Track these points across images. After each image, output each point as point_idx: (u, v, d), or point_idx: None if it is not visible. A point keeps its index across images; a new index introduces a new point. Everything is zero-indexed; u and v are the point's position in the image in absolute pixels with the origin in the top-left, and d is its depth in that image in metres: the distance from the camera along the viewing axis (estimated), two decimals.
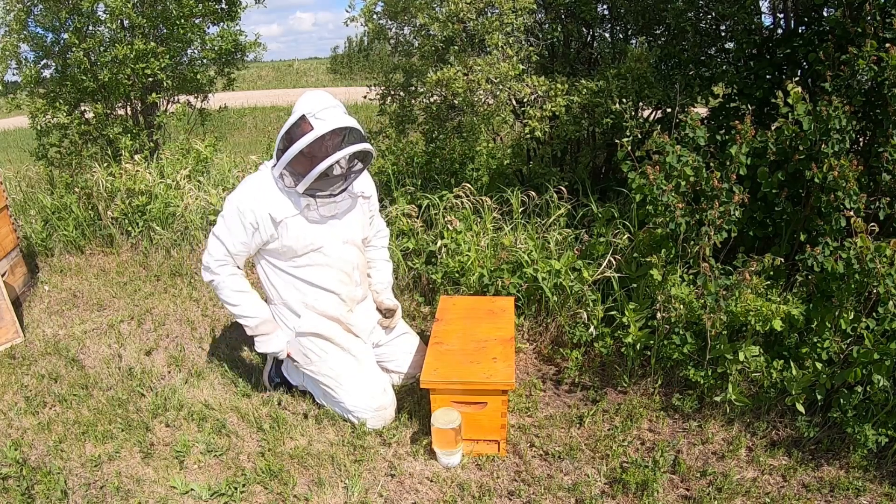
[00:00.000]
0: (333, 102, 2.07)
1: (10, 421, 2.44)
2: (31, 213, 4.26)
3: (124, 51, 4.41)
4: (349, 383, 2.27)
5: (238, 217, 2.11)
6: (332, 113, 2.03)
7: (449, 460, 2.10)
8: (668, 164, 2.35)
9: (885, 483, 2.00)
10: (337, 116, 2.03)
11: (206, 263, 2.21)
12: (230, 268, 2.21)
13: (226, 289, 2.22)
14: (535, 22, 3.56)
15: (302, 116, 2.00)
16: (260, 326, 2.25)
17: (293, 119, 2.03)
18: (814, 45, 2.57)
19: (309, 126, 1.99)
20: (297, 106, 2.08)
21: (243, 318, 2.25)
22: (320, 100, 2.06)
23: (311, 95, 2.09)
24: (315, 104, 2.03)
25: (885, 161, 2.20)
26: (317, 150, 1.99)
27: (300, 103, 2.07)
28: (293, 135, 2.02)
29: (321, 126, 1.98)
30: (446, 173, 3.85)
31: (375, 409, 2.24)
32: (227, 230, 2.15)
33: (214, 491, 2.02)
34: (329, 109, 2.03)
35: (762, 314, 2.15)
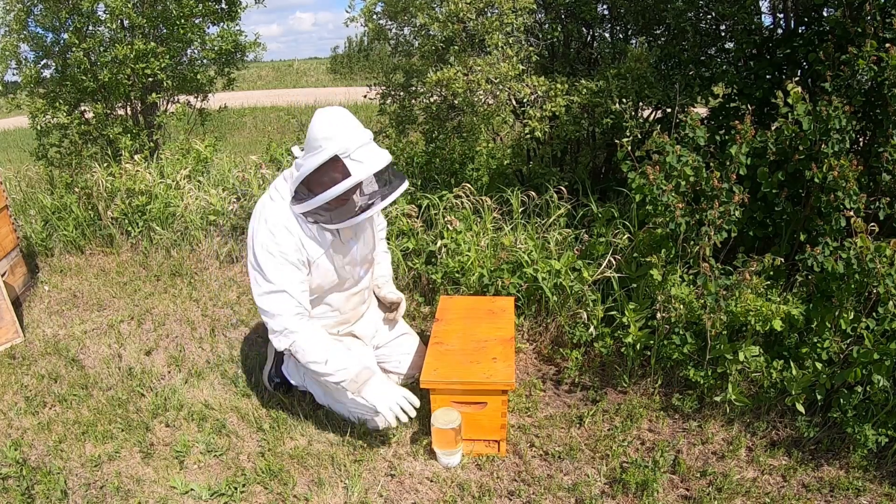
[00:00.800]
0: (365, 136, 1.87)
1: (10, 421, 2.44)
2: (31, 213, 4.26)
3: (124, 51, 4.41)
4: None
5: (284, 260, 1.94)
6: (368, 153, 1.84)
7: (449, 460, 2.10)
8: (668, 164, 2.35)
9: (885, 483, 2.00)
10: (374, 156, 1.85)
11: (278, 328, 1.97)
12: (306, 318, 2.01)
13: (310, 346, 1.98)
14: (535, 22, 3.56)
15: (335, 157, 1.81)
16: (361, 374, 2.01)
17: (322, 157, 1.82)
18: (814, 45, 2.57)
19: (345, 170, 1.81)
20: (321, 135, 1.83)
21: (339, 371, 1.99)
22: (353, 135, 1.83)
23: (337, 125, 1.84)
24: (348, 141, 1.81)
25: (885, 161, 2.21)
26: (352, 192, 1.87)
27: (327, 136, 1.83)
28: (324, 177, 1.84)
29: (359, 171, 1.81)
30: (446, 173, 3.85)
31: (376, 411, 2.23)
32: (282, 277, 1.94)
33: (214, 491, 2.02)
34: (364, 148, 1.84)
35: (762, 314, 2.15)
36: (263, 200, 2.05)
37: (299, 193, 1.93)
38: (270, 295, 1.95)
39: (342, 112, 1.89)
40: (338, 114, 1.88)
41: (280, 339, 2.00)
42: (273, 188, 2.04)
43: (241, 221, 3.88)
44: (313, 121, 1.87)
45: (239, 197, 4.03)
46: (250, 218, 2.07)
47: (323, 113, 1.89)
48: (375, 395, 2.01)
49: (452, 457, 2.09)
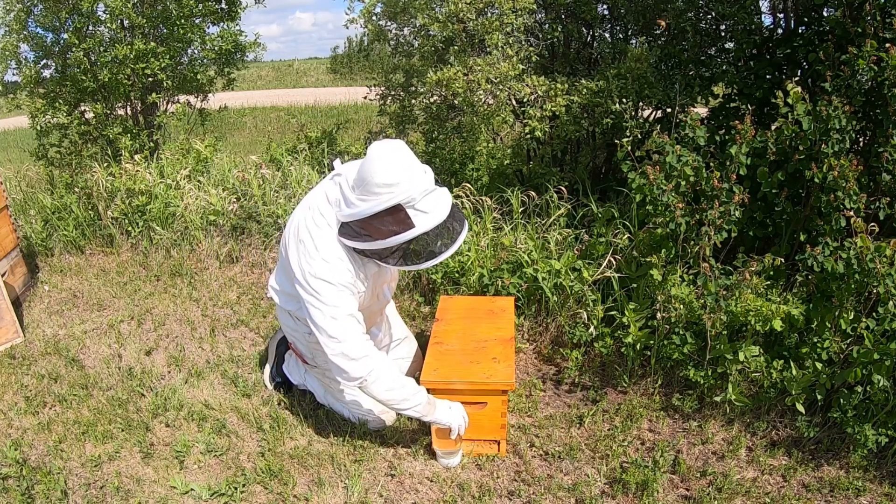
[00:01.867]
0: (429, 181, 1.74)
1: (10, 421, 2.44)
2: (31, 213, 4.26)
3: (124, 51, 4.41)
4: None
5: (343, 287, 1.84)
6: (433, 202, 1.73)
7: (449, 461, 2.10)
8: (668, 164, 2.35)
9: (885, 483, 2.00)
10: (439, 206, 1.73)
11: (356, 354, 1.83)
12: (374, 349, 1.89)
13: (384, 377, 1.87)
14: (535, 22, 3.57)
15: (398, 206, 1.70)
16: (431, 399, 1.97)
17: (382, 204, 1.69)
18: (814, 45, 2.57)
19: (407, 220, 1.70)
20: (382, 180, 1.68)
21: (413, 397, 1.91)
22: (417, 182, 1.70)
23: (401, 170, 1.69)
24: (413, 190, 1.69)
25: (885, 161, 2.21)
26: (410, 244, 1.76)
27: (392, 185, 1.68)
28: (382, 224, 1.72)
29: (424, 223, 1.71)
30: (446, 173, 3.85)
31: (379, 411, 2.24)
32: (344, 302, 1.84)
33: (214, 491, 2.02)
34: (429, 197, 1.72)
35: (762, 314, 2.15)
36: (307, 224, 1.88)
37: (348, 228, 1.82)
38: (338, 320, 1.83)
39: (404, 152, 1.74)
40: (400, 155, 1.72)
41: (356, 367, 1.84)
42: (317, 212, 1.88)
43: (241, 221, 3.88)
44: (371, 158, 1.71)
45: (239, 197, 4.03)
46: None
47: (383, 151, 1.72)
48: (447, 415, 1.98)
49: (453, 457, 2.09)
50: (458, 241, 1.81)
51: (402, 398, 1.91)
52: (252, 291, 3.46)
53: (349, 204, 1.78)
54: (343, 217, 1.81)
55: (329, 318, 1.83)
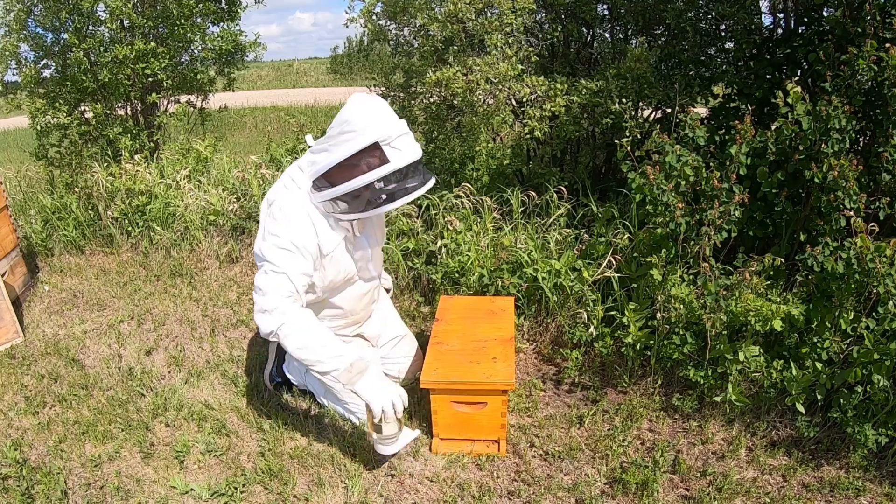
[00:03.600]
0: (404, 125, 1.85)
1: (10, 421, 2.44)
2: (31, 213, 4.26)
3: (124, 51, 4.41)
4: None
5: (293, 248, 1.87)
6: (407, 142, 1.83)
7: (383, 448, 1.97)
8: (667, 164, 2.35)
9: (885, 483, 2.00)
10: (412, 146, 1.84)
11: (268, 306, 1.82)
12: (299, 305, 1.88)
13: (298, 332, 1.83)
14: (535, 22, 3.57)
15: (375, 144, 1.78)
16: (356, 364, 1.85)
17: (360, 144, 1.78)
18: (814, 45, 2.57)
19: (383, 157, 1.78)
20: (361, 124, 1.79)
21: (333, 359, 1.83)
22: (393, 121, 1.82)
23: (378, 113, 1.82)
24: (389, 128, 1.79)
25: (885, 161, 2.20)
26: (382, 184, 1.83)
27: (367, 123, 1.79)
28: (360, 162, 1.79)
29: (398, 159, 1.79)
30: (446, 173, 3.85)
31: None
32: (285, 261, 1.86)
33: (214, 491, 2.02)
34: (404, 137, 1.82)
35: (762, 314, 2.15)
36: (276, 190, 1.98)
37: (319, 183, 1.88)
38: (268, 275, 1.86)
39: (380, 100, 1.87)
40: (376, 101, 1.86)
41: (267, 319, 1.82)
42: (287, 177, 1.98)
43: (241, 221, 3.88)
44: (348, 107, 1.83)
45: (239, 197, 4.03)
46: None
47: (359, 99, 1.85)
48: (370, 389, 1.84)
49: (386, 444, 1.96)
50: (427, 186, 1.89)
51: (316, 359, 1.82)
52: (252, 291, 3.46)
53: (326, 151, 1.86)
54: (318, 170, 1.88)
55: (262, 273, 1.88)
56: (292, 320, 1.82)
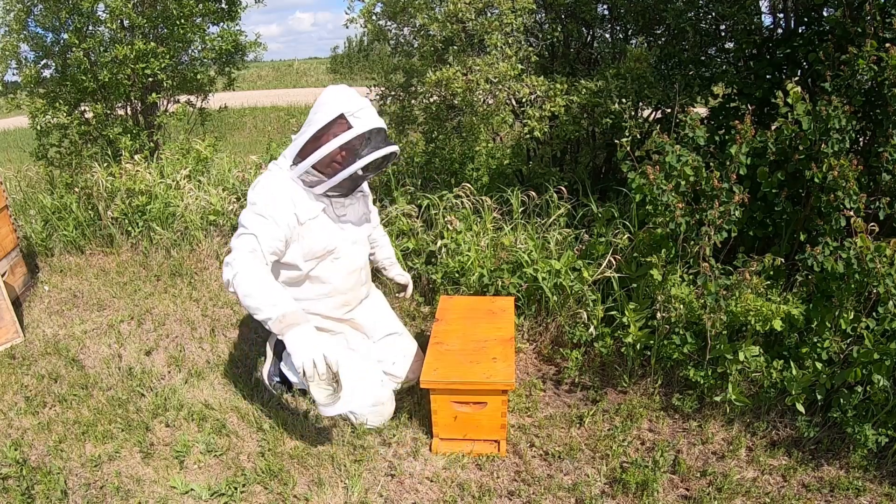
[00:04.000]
0: (367, 101, 2.07)
1: (10, 421, 2.44)
2: (31, 213, 4.26)
3: (124, 51, 4.41)
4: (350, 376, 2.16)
5: (268, 215, 1.99)
6: (369, 113, 2.03)
7: (323, 407, 1.99)
8: (667, 163, 2.35)
9: (885, 483, 2.00)
10: (373, 116, 2.03)
11: (230, 259, 1.93)
12: (255, 259, 1.93)
13: (247, 280, 1.87)
14: (535, 22, 3.56)
15: (340, 115, 1.99)
16: (291, 315, 1.86)
17: (328, 117, 2.00)
18: (814, 45, 2.57)
19: (347, 125, 1.98)
20: (329, 102, 2.03)
21: (268, 307, 1.85)
22: (356, 98, 2.03)
23: (343, 93, 2.05)
24: (352, 103, 2.01)
25: (885, 161, 2.20)
26: (348, 151, 2.00)
27: (334, 101, 2.03)
28: (327, 133, 2.00)
29: (360, 125, 1.98)
30: (446, 173, 3.85)
31: (372, 403, 2.22)
32: (256, 225, 1.98)
33: (214, 491, 2.02)
34: (366, 109, 2.03)
35: (762, 314, 2.15)
36: (262, 173, 2.17)
37: (297, 160, 2.07)
38: (240, 237, 2.00)
39: (346, 87, 2.11)
40: (342, 87, 2.10)
41: (226, 270, 1.93)
42: (272, 163, 2.18)
43: None
44: (323, 92, 2.08)
45: (239, 197, 4.03)
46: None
47: (330, 87, 2.11)
48: (295, 342, 1.82)
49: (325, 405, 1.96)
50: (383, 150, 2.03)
51: (256, 306, 1.86)
52: None
53: (301, 133, 2.07)
54: (295, 148, 2.08)
55: (235, 236, 2.03)
56: (245, 269, 1.90)
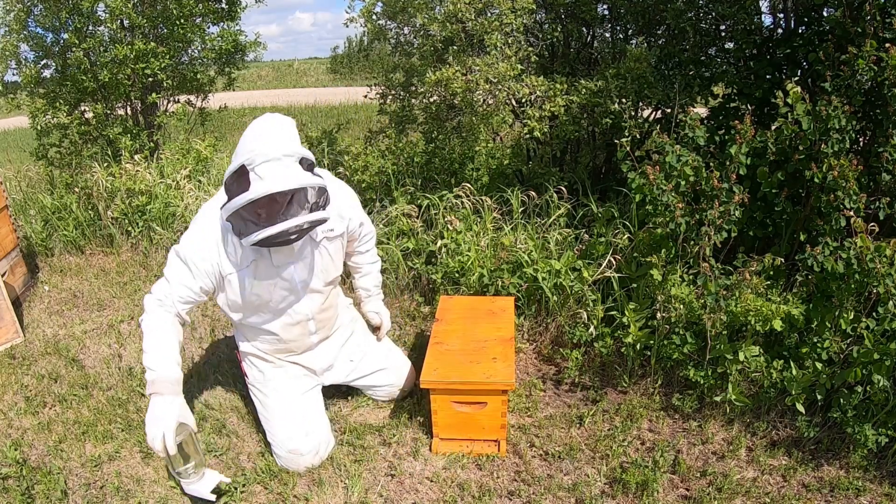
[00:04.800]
0: (278, 151, 1.65)
1: (10, 421, 2.44)
2: (31, 213, 4.26)
3: (124, 51, 4.41)
4: (275, 414, 2.12)
5: (190, 264, 1.86)
6: (272, 170, 1.64)
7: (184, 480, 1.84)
8: (667, 163, 2.35)
9: (885, 483, 2.00)
10: (277, 177, 1.63)
11: (144, 302, 1.90)
12: (168, 309, 1.87)
13: (146, 333, 1.85)
14: (535, 22, 3.56)
15: (241, 167, 1.67)
16: (156, 384, 1.78)
17: (233, 163, 1.70)
18: (814, 45, 2.57)
19: (248, 183, 1.65)
20: (242, 141, 1.73)
21: (147, 370, 1.80)
22: (264, 148, 1.65)
23: (259, 131, 1.72)
24: (255, 154, 1.65)
25: (885, 161, 2.21)
26: (263, 209, 1.68)
27: (245, 142, 1.71)
28: (233, 185, 1.69)
29: (258, 188, 1.62)
30: (446, 173, 3.85)
31: (289, 450, 2.06)
32: (175, 273, 1.88)
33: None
34: (271, 164, 1.64)
35: (762, 314, 2.15)
36: (205, 203, 2.00)
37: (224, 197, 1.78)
38: (161, 277, 1.92)
39: (272, 121, 1.77)
40: (265, 122, 1.77)
41: (141, 315, 1.91)
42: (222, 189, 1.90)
43: None
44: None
45: None
46: None
47: (257, 119, 1.79)
48: (151, 412, 1.78)
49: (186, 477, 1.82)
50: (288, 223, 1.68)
51: (145, 365, 1.82)
52: None
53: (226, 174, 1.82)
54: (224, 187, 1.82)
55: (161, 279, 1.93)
56: (146, 322, 1.87)
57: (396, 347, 2.53)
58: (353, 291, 2.54)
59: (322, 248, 2.00)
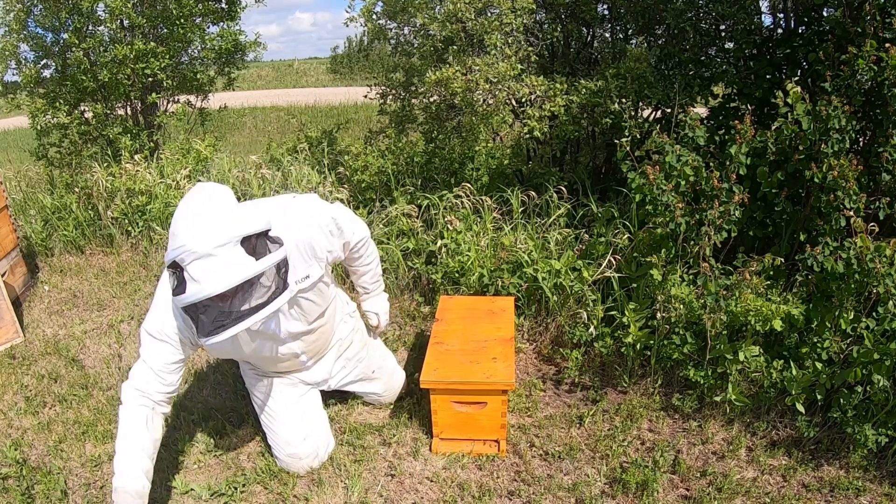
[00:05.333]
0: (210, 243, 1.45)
1: (10, 421, 2.44)
2: (31, 213, 4.26)
3: (124, 51, 4.41)
4: (273, 419, 2.10)
5: (163, 337, 1.73)
6: (206, 269, 1.45)
7: None
8: (667, 163, 2.35)
9: (885, 483, 2.00)
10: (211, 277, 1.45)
11: (123, 388, 1.77)
12: (143, 403, 1.74)
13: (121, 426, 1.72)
14: (535, 22, 3.56)
15: (174, 262, 1.50)
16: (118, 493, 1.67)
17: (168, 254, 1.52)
18: (814, 45, 2.57)
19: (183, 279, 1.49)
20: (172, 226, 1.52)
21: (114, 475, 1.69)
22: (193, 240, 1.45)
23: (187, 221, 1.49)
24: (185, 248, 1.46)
25: (885, 161, 2.21)
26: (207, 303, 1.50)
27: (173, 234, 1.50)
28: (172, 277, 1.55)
29: (193, 291, 1.46)
30: (446, 173, 3.85)
31: (288, 454, 2.06)
32: (151, 351, 1.75)
33: (214, 491, 2.02)
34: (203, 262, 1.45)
35: (762, 314, 2.15)
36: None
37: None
38: (138, 359, 1.78)
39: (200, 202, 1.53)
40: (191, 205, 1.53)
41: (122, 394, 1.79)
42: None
43: None
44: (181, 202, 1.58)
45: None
46: None
47: (185, 198, 1.56)
48: None
49: None
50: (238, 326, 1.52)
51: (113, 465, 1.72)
52: None
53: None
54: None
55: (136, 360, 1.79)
56: (125, 416, 1.74)
57: (391, 357, 2.46)
58: (353, 291, 2.54)
59: (301, 297, 1.85)
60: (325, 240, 1.84)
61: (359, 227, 2.01)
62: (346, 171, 4.06)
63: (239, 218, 1.53)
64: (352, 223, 1.97)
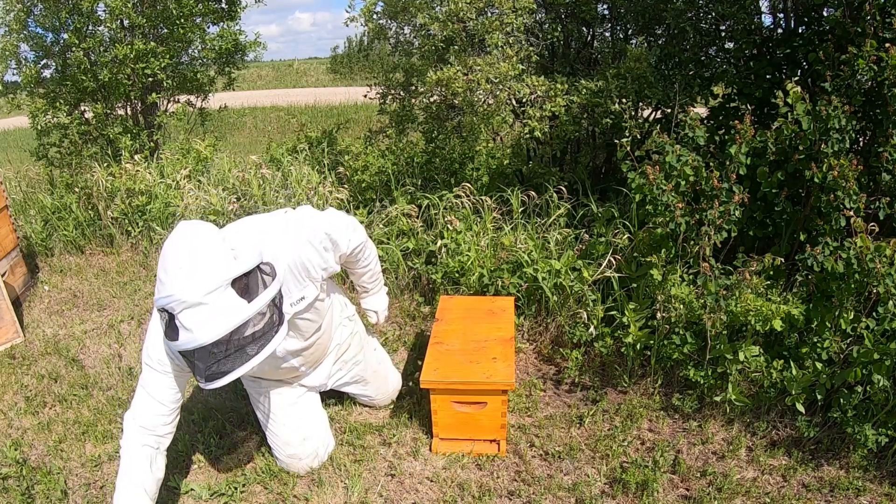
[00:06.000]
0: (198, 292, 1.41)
1: (10, 421, 2.44)
2: (31, 213, 4.26)
3: (124, 51, 4.41)
4: (272, 420, 2.10)
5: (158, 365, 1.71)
6: (196, 317, 1.41)
7: None
8: (667, 163, 2.35)
9: (885, 483, 2.00)
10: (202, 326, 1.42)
11: (125, 419, 1.75)
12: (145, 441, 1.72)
13: (122, 461, 1.71)
14: (535, 22, 3.56)
15: (162, 309, 1.46)
16: None
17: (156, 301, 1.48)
18: (814, 45, 2.57)
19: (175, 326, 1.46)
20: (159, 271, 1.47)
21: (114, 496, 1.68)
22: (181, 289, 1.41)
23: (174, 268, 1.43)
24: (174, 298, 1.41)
25: (885, 161, 2.20)
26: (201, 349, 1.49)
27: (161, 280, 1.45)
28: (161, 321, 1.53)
29: (185, 339, 1.44)
30: (446, 173, 3.85)
31: (288, 455, 2.07)
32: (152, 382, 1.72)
33: (214, 491, 2.02)
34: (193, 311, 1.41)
35: (762, 314, 2.15)
36: None
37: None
38: (138, 388, 1.75)
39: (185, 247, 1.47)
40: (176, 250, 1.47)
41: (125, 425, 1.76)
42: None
43: None
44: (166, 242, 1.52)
45: (239, 197, 4.03)
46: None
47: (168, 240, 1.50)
48: None
49: None
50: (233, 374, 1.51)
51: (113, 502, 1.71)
52: None
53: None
54: None
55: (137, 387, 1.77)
56: (128, 451, 1.72)
57: (388, 361, 2.44)
58: (353, 291, 2.53)
59: (297, 318, 1.82)
60: (319, 258, 1.80)
61: (354, 235, 1.95)
62: (346, 171, 4.06)
63: (227, 259, 1.48)
64: (346, 232, 1.91)
